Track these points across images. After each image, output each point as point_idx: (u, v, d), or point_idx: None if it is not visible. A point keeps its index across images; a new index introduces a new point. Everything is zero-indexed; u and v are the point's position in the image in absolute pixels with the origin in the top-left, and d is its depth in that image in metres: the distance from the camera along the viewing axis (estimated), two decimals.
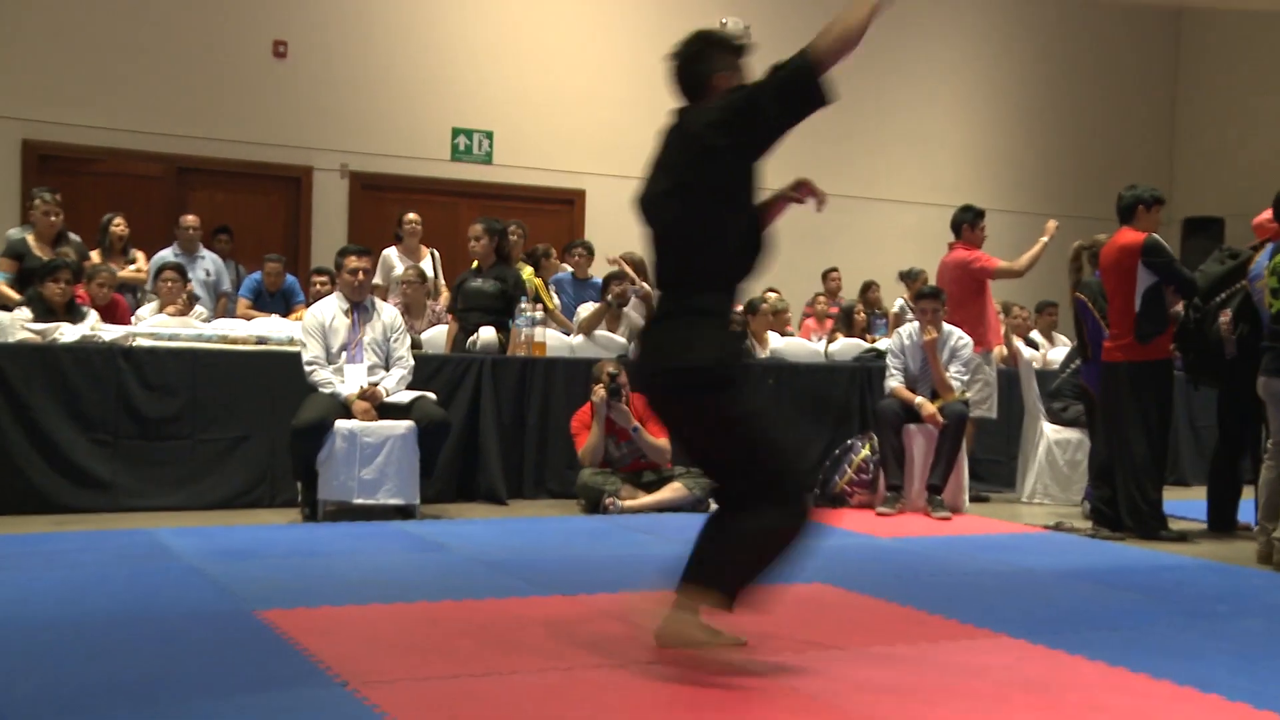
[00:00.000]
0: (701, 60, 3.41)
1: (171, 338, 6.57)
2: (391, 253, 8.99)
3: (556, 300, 8.88)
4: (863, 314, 9.69)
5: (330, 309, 6.38)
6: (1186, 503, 7.21)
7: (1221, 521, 6.49)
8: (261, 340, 6.81)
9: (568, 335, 7.99)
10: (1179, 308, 6.46)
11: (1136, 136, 14.48)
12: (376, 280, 8.48)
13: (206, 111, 10.53)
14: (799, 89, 3.13)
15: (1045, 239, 7.69)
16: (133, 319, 7.50)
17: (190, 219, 9.16)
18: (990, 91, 13.76)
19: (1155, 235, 6.27)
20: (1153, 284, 6.20)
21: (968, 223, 7.76)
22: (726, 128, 3.23)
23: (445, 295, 8.56)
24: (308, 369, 6.20)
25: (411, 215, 9.11)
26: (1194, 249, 11.39)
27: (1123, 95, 14.41)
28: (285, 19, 10.79)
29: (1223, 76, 14.22)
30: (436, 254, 9.11)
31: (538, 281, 8.52)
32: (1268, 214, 6.12)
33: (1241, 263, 6.33)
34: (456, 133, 11.46)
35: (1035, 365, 8.33)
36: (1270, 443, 5.76)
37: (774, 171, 3.11)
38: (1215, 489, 6.57)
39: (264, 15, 10.72)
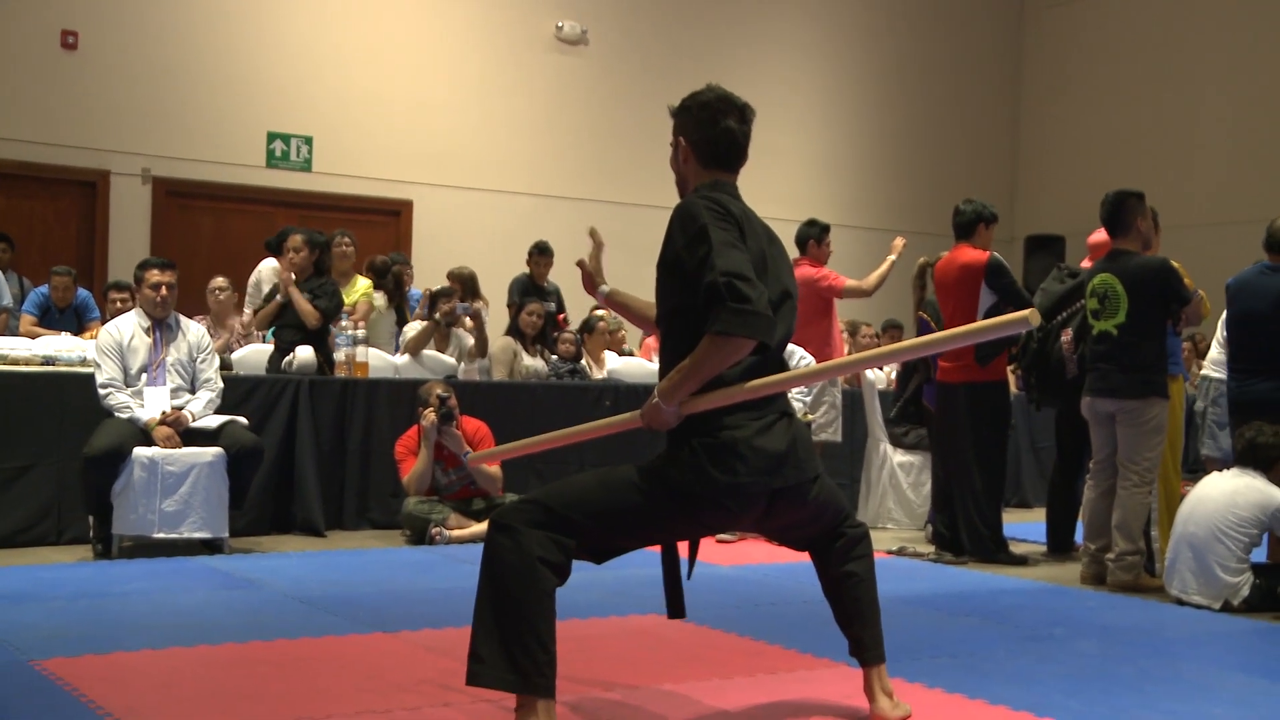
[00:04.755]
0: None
1: None
2: (270, 265, 8.39)
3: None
4: None
5: (129, 326, 6.17)
6: (1028, 524, 7.55)
7: (1059, 543, 6.81)
8: (49, 360, 6.55)
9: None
10: None
11: (980, 152, 15.13)
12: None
13: None
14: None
15: (893, 257, 7.83)
16: None
17: None
18: (833, 105, 14.19)
19: (997, 255, 6.54)
20: (993, 304, 6.46)
21: (814, 238, 7.85)
22: None
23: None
24: (102, 392, 5.99)
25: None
26: (1036, 267, 11.89)
27: (966, 110, 15.04)
28: (74, 6, 10.39)
29: (1066, 92, 14.99)
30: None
31: (373, 295, 8.43)
32: (1101, 233, 6.47)
33: (1081, 282, 6.65)
34: (272, 137, 11.23)
35: (879, 386, 8.58)
36: (1092, 463, 6.08)
37: (624, 180, 3.14)
38: (1053, 511, 6.89)
39: (49, 1, 10.29)
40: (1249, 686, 3.98)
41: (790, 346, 7.35)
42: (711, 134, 3.15)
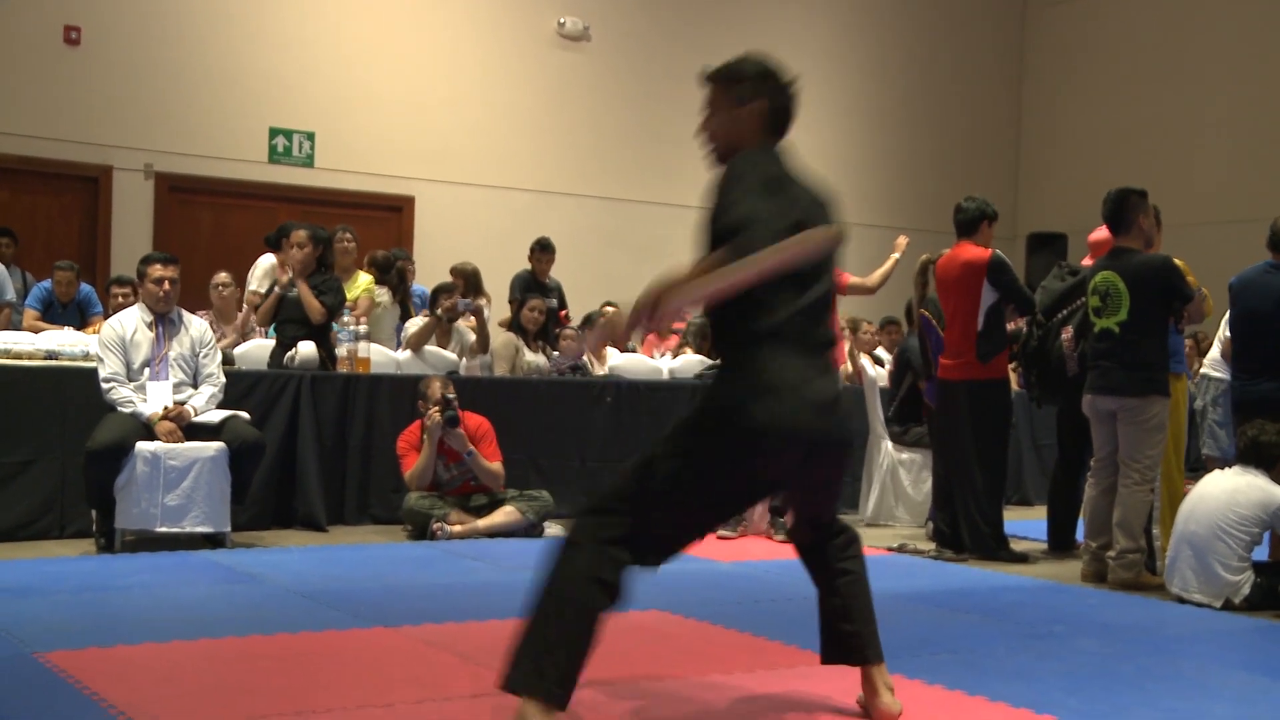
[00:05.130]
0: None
1: None
2: (268, 261, 8.53)
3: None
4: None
5: (132, 321, 6.18)
6: (1029, 522, 7.55)
7: (1061, 541, 6.80)
8: (51, 355, 6.56)
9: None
10: (1020, 324, 6.75)
11: (982, 149, 15.11)
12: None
13: None
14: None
15: (896, 255, 7.80)
16: None
17: None
18: (834, 102, 14.16)
19: (1000, 252, 6.54)
20: (994, 302, 6.46)
21: None
22: None
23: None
24: (105, 386, 6.00)
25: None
26: (1037, 264, 11.91)
27: (968, 108, 15.03)
28: (77, 2, 10.38)
29: (1068, 90, 14.97)
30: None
31: (375, 290, 8.42)
32: (1102, 231, 6.47)
33: (1082, 279, 6.66)
34: (275, 133, 11.24)
35: (880, 384, 8.57)
36: (1093, 461, 6.08)
37: (626, 177, 3.14)
38: (1054, 508, 6.88)
39: None
40: (1250, 684, 3.98)
41: None
42: (784, 103, 3.24)
